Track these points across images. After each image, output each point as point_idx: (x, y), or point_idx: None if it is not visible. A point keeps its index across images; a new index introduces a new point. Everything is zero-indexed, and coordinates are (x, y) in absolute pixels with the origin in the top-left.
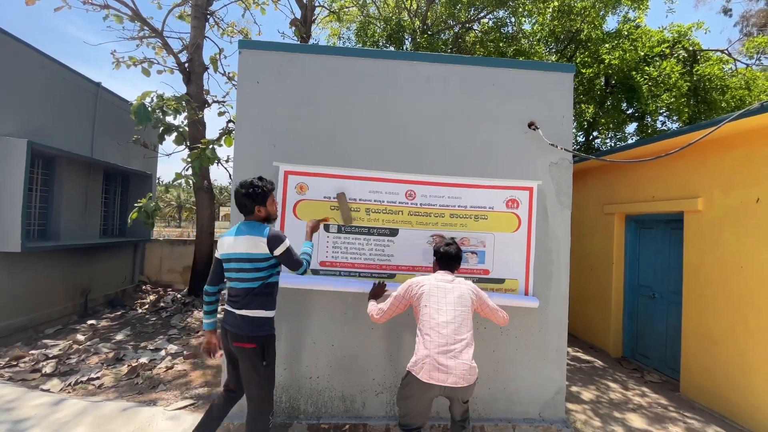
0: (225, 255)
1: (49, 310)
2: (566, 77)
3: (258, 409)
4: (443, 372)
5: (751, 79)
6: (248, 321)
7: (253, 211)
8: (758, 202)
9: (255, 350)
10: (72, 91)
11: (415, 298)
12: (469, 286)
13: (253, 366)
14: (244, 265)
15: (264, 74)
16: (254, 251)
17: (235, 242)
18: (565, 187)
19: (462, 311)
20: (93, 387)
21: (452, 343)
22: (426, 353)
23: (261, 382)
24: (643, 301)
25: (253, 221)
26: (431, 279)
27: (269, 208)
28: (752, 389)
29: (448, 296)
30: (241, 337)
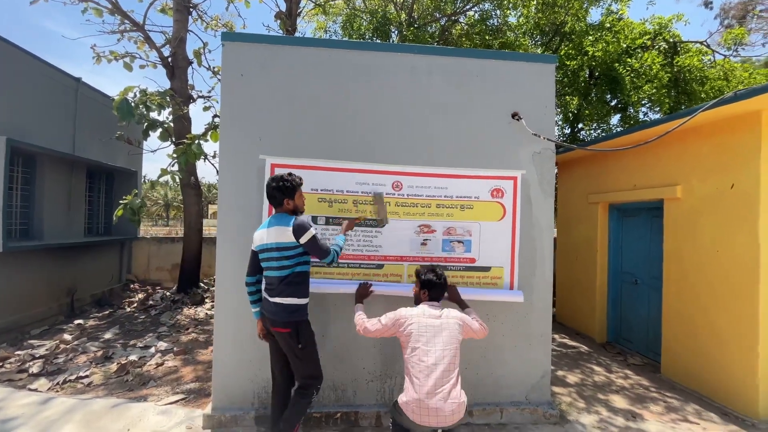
0: (259, 247)
1: (34, 311)
2: (548, 68)
3: (303, 382)
4: (433, 415)
5: (729, 70)
6: (281, 308)
7: (282, 204)
8: (733, 188)
9: (290, 334)
10: (51, 87)
11: (403, 335)
12: (457, 318)
13: (290, 347)
14: (274, 254)
15: (248, 67)
16: (282, 240)
17: (267, 234)
18: (548, 176)
19: (451, 349)
20: (82, 385)
21: (441, 386)
22: (416, 397)
23: (300, 361)
24: (626, 287)
25: (282, 213)
26: (419, 316)
27: (297, 201)
28: (727, 368)
29: (437, 337)
30: (277, 323)
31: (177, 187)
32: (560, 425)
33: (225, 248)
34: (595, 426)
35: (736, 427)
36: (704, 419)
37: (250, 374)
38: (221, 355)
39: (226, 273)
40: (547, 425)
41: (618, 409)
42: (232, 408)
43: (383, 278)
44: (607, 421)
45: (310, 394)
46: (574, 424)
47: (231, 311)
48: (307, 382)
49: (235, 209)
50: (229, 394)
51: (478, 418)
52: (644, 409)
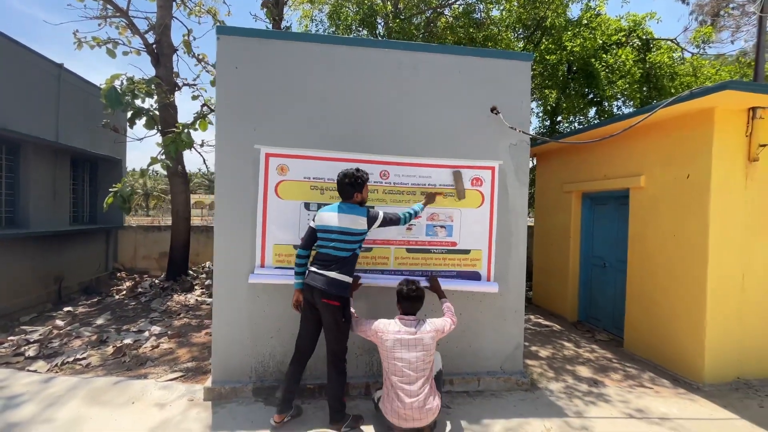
0: (323, 226)
1: (22, 299)
2: (525, 65)
3: (336, 355)
4: (410, 419)
5: (697, 67)
6: (337, 282)
7: (352, 197)
8: (688, 178)
9: (338, 308)
10: (33, 74)
11: (379, 344)
12: (432, 332)
13: (335, 320)
14: (342, 237)
15: (243, 60)
16: (354, 227)
17: (338, 218)
18: (524, 166)
19: (425, 362)
20: (80, 367)
21: (417, 395)
22: (391, 408)
23: (339, 335)
24: (596, 271)
25: (352, 203)
26: (394, 332)
27: (364, 194)
28: (679, 340)
29: (411, 352)
30: (330, 296)
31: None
32: (531, 391)
33: (221, 235)
34: (561, 391)
35: (684, 390)
36: (657, 384)
37: (247, 350)
38: (219, 334)
39: (223, 258)
40: (519, 391)
41: (583, 378)
42: (230, 381)
43: (371, 261)
44: (573, 388)
45: (344, 368)
46: (543, 391)
47: (228, 293)
48: (340, 356)
49: (231, 197)
50: (227, 369)
51: (458, 386)
52: (606, 377)
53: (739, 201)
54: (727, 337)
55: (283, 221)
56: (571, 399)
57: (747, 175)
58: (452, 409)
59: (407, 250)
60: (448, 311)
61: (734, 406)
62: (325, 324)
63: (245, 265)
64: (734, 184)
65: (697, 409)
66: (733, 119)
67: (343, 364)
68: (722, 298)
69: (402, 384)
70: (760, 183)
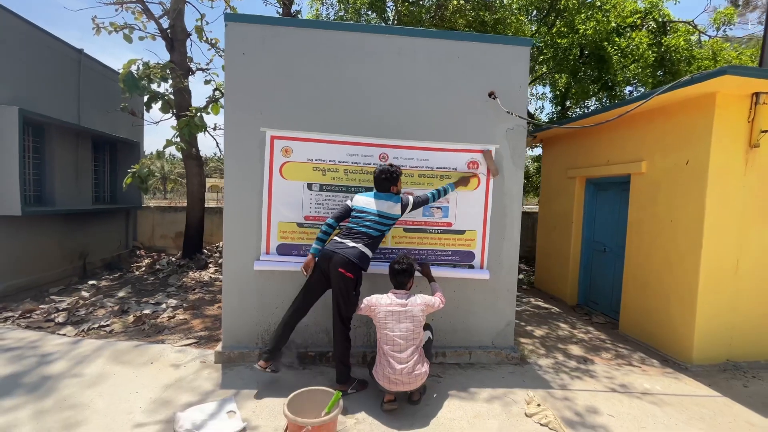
0: (360, 207)
1: (51, 272)
2: (523, 50)
3: (343, 323)
4: (399, 384)
5: (717, 51)
6: (359, 253)
7: (388, 189)
8: (687, 164)
9: (352, 280)
10: (55, 59)
11: (374, 318)
12: (421, 304)
13: (346, 291)
14: (378, 218)
15: (249, 46)
16: (389, 212)
17: (376, 203)
18: (520, 150)
19: (414, 332)
20: (104, 332)
21: (407, 362)
22: (383, 373)
23: (348, 305)
24: (596, 255)
25: (388, 193)
26: (385, 305)
27: (398, 186)
28: (671, 322)
29: (402, 322)
30: (348, 265)
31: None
32: (520, 365)
33: (231, 213)
34: (550, 367)
35: (671, 369)
36: (646, 364)
37: (254, 319)
38: (229, 304)
39: (232, 236)
40: (509, 365)
41: (573, 355)
42: (239, 346)
43: None
44: (562, 364)
45: (348, 335)
46: (532, 365)
47: (237, 268)
48: (347, 324)
49: (239, 177)
50: (236, 335)
51: (450, 359)
52: (596, 356)
53: (737, 187)
54: (719, 320)
55: (287, 200)
56: (558, 374)
57: (747, 161)
58: (443, 378)
59: (404, 229)
60: (437, 291)
61: (719, 384)
62: (337, 292)
63: (253, 242)
64: (733, 171)
65: (681, 386)
66: (735, 104)
67: (348, 330)
68: (715, 282)
69: (393, 352)
70: (759, 169)
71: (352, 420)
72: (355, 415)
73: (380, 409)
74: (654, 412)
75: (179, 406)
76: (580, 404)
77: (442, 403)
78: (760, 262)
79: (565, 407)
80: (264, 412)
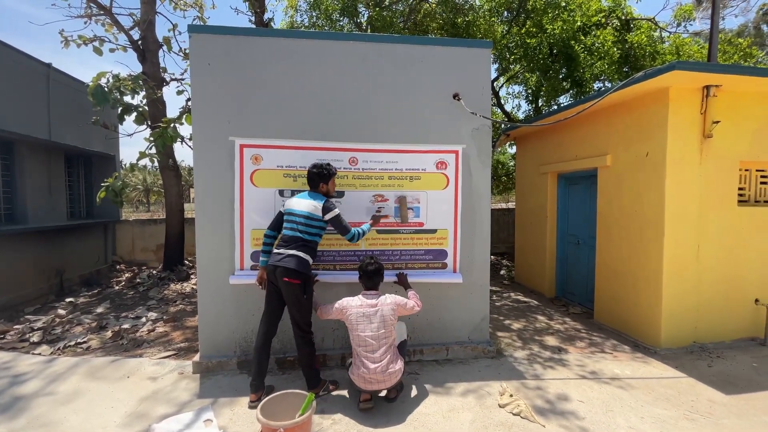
0: (289, 209)
1: (26, 291)
2: (484, 52)
3: (301, 329)
4: (374, 383)
5: (680, 46)
6: (298, 259)
7: (318, 186)
8: (647, 156)
9: (299, 286)
10: (22, 74)
11: (346, 321)
12: (391, 304)
13: (297, 298)
14: (302, 220)
15: (214, 56)
16: (315, 213)
17: (299, 203)
18: (486, 149)
19: (385, 331)
20: (81, 350)
21: (380, 361)
22: (358, 374)
23: (302, 310)
24: (571, 248)
25: (317, 192)
26: (356, 306)
27: (330, 186)
28: (639, 309)
29: (373, 323)
30: (291, 272)
31: (156, 172)
32: (496, 359)
33: (203, 222)
34: (524, 358)
35: (641, 354)
36: (618, 350)
37: (232, 327)
38: (205, 313)
39: (205, 246)
40: (485, 359)
41: (548, 346)
42: (217, 356)
43: (344, 242)
44: (537, 355)
45: (311, 339)
46: (507, 358)
47: (212, 277)
48: (305, 328)
49: (209, 187)
50: (214, 344)
51: (428, 356)
52: (570, 345)
53: (694, 176)
54: (684, 305)
55: (259, 208)
56: (532, 364)
57: (702, 151)
58: (420, 375)
59: (377, 231)
60: (413, 296)
61: (684, 366)
62: (288, 301)
63: (227, 252)
64: (689, 160)
65: (649, 370)
66: (688, 98)
67: (309, 336)
68: (679, 268)
69: (366, 353)
70: (714, 158)
71: (328, 420)
72: (332, 415)
73: (356, 409)
74: (621, 395)
75: (155, 418)
76: (551, 392)
77: (418, 399)
78: (720, 247)
79: (537, 396)
80: (241, 418)
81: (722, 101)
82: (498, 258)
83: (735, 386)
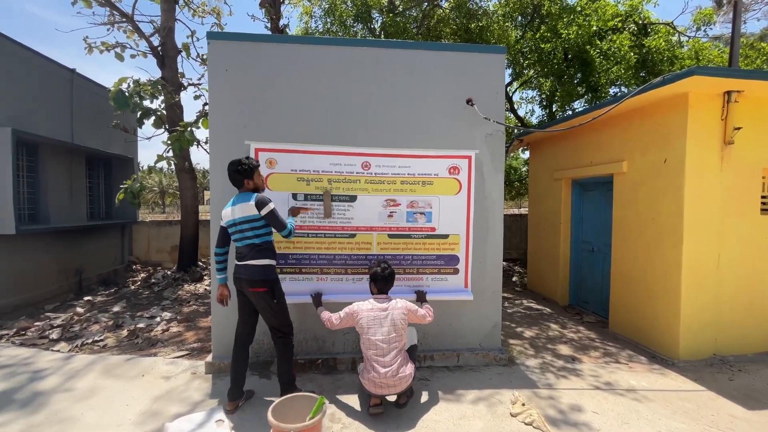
0: (228, 222)
1: (46, 289)
2: (498, 58)
3: (279, 333)
4: (384, 388)
5: (699, 50)
6: (259, 269)
7: (243, 184)
8: (665, 162)
9: (267, 292)
10: (48, 79)
11: (357, 325)
12: (402, 308)
13: (267, 305)
14: (244, 226)
15: (232, 62)
16: (249, 213)
17: (233, 211)
18: (499, 155)
19: (396, 335)
20: (98, 347)
21: (390, 365)
22: (368, 378)
23: (276, 315)
24: (585, 255)
25: (245, 192)
26: (367, 310)
27: (256, 180)
28: (657, 319)
29: (384, 326)
30: (255, 283)
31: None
32: (508, 366)
33: (217, 225)
34: (537, 367)
35: (659, 366)
36: (633, 361)
37: None
38: (218, 315)
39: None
40: (497, 366)
41: (561, 355)
42: (228, 356)
43: (356, 246)
44: (549, 363)
45: (290, 341)
46: (519, 366)
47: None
48: (285, 330)
49: (224, 191)
50: (226, 346)
51: (438, 362)
52: (584, 354)
53: (715, 183)
54: (703, 315)
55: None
56: (545, 373)
57: (722, 158)
58: (431, 381)
59: (389, 235)
60: (426, 308)
61: (704, 379)
62: (260, 309)
63: None
64: (709, 167)
65: (667, 382)
66: (708, 103)
67: (287, 338)
68: (698, 277)
69: (376, 356)
70: (735, 165)
71: (338, 424)
72: (342, 419)
73: (366, 413)
74: (638, 408)
75: (168, 417)
76: (564, 402)
77: (428, 405)
78: (742, 256)
79: (549, 406)
80: (252, 420)
81: (744, 107)
82: (510, 264)
83: (758, 401)
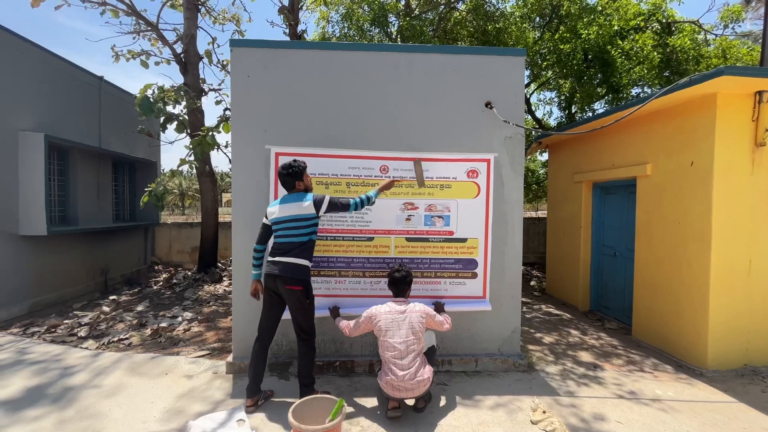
0: (274, 219)
1: (75, 288)
2: (518, 60)
3: (305, 334)
4: (402, 391)
5: (727, 48)
6: (297, 267)
7: (294, 186)
8: (692, 165)
9: (301, 292)
10: (77, 86)
11: (375, 329)
12: (420, 312)
13: (300, 304)
14: (294, 224)
15: (253, 68)
16: (302, 213)
17: (281, 209)
18: (518, 158)
19: (414, 338)
20: (123, 345)
21: (409, 368)
22: (389, 380)
23: (306, 315)
24: (606, 260)
25: (297, 192)
26: (385, 313)
27: (306, 181)
28: (684, 327)
29: (402, 329)
30: (291, 281)
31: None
32: (527, 373)
33: (239, 227)
34: (557, 374)
35: (685, 375)
36: (659, 370)
37: None
38: (239, 316)
39: (241, 248)
40: (516, 372)
41: (582, 362)
42: (248, 357)
43: (374, 249)
44: (570, 371)
45: (314, 343)
46: (539, 372)
47: (246, 281)
48: (310, 333)
49: (246, 193)
50: (246, 346)
51: (456, 366)
52: (606, 362)
53: (745, 186)
54: (734, 323)
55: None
56: (565, 380)
57: (753, 160)
58: (449, 386)
59: (407, 239)
60: (445, 316)
61: (735, 390)
62: (292, 307)
63: None
64: (739, 170)
65: (694, 392)
66: (738, 104)
67: (312, 340)
68: (728, 284)
69: (394, 359)
70: (767, 168)
71: (357, 427)
72: (360, 422)
73: (384, 417)
74: (664, 418)
75: (191, 415)
76: (587, 411)
77: (446, 410)
78: None
79: (571, 414)
80: (272, 420)
81: None
82: (528, 268)
83: None
